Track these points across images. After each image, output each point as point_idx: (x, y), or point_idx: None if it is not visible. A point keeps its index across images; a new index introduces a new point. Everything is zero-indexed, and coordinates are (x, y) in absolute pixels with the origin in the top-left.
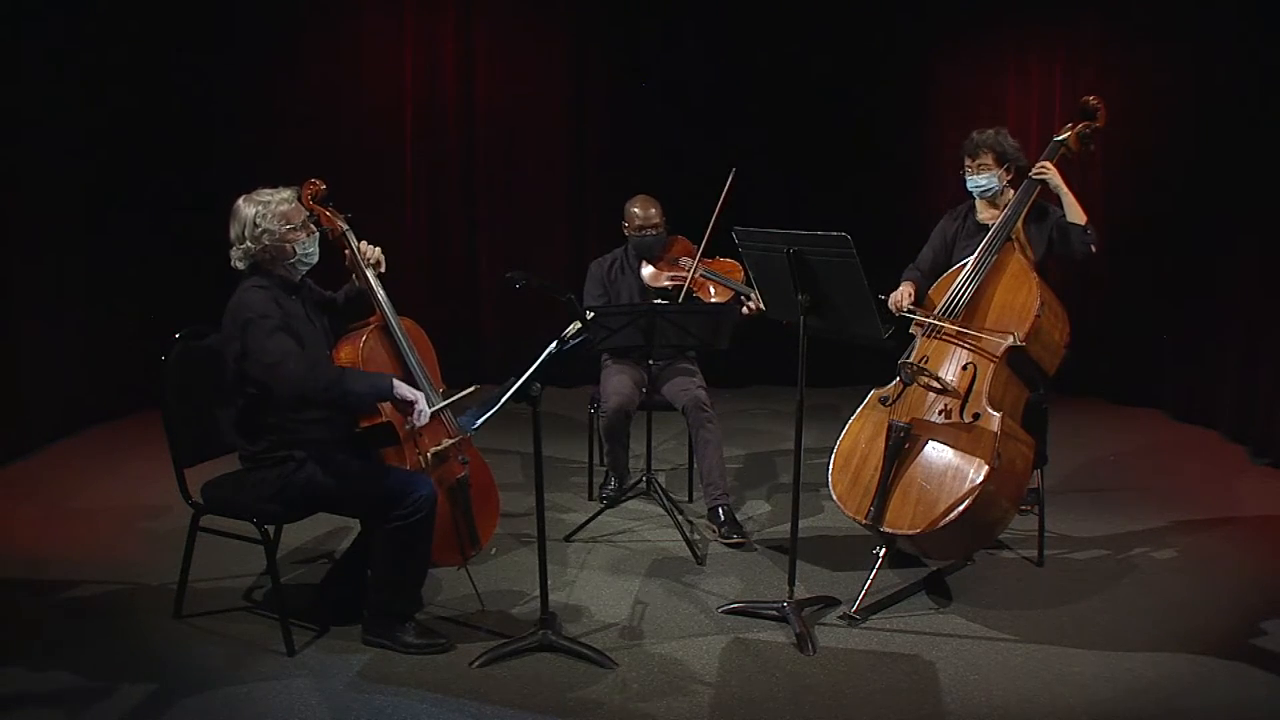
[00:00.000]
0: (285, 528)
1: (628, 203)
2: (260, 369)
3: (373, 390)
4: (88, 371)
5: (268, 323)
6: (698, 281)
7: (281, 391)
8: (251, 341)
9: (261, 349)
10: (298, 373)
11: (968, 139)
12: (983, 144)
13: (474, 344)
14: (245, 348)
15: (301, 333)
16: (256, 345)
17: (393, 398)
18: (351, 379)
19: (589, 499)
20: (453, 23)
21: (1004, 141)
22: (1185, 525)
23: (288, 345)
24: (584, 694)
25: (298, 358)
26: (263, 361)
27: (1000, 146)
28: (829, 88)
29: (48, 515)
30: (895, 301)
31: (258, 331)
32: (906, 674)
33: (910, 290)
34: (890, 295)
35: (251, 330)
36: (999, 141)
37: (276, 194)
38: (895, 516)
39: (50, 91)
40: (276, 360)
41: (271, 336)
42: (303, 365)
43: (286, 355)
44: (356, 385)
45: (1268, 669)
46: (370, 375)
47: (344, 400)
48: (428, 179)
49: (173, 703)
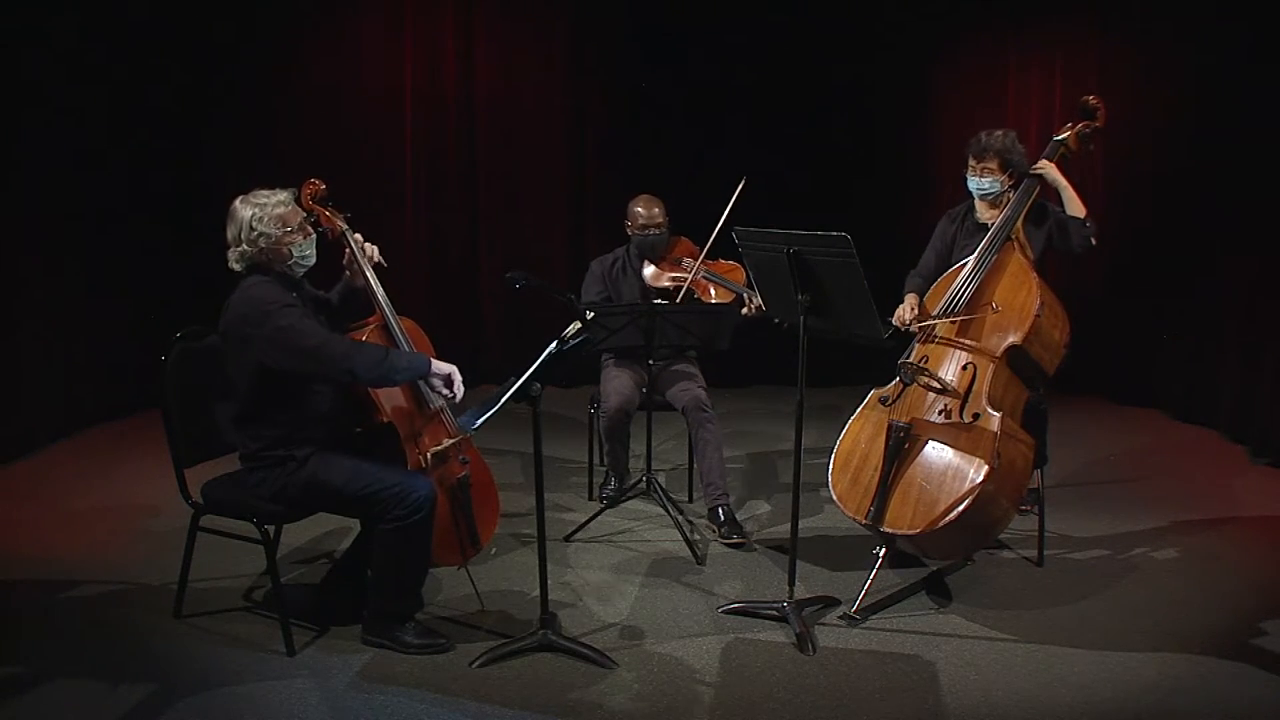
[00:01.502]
0: (285, 528)
1: (631, 202)
2: (302, 354)
3: (411, 368)
4: (88, 371)
5: (291, 311)
6: (699, 282)
7: (328, 371)
8: (281, 332)
9: (299, 333)
10: (344, 349)
11: (975, 139)
12: (991, 148)
13: (474, 344)
14: (273, 340)
15: None
16: (291, 331)
17: (430, 374)
18: (395, 356)
19: (589, 499)
20: (453, 22)
21: (1014, 149)
22: (1185, 525)
23: (320, 328)
24: (584, 694)
25: (335, 339)
26: (304, 345)
27: (1009, 154)
28: (829, 88)
29: (48, 515)
30: (900, 319)
31: (283, 321)
32: (906, 674)
33: (914, 303)
34: (896, 311)
35: (276, 320)
36: (1009, 147)
37: (274, 196)
38: (895, 516)
39: (50, 92)
40: (320, 341)
41: (302, 322)
42: (346, 343)
43: (327, 337)
44: (400, 361)
45: (1268, 669)
46: (408, 354)
47: (389, 376)
48: (428, 179)
49: (173, 703)
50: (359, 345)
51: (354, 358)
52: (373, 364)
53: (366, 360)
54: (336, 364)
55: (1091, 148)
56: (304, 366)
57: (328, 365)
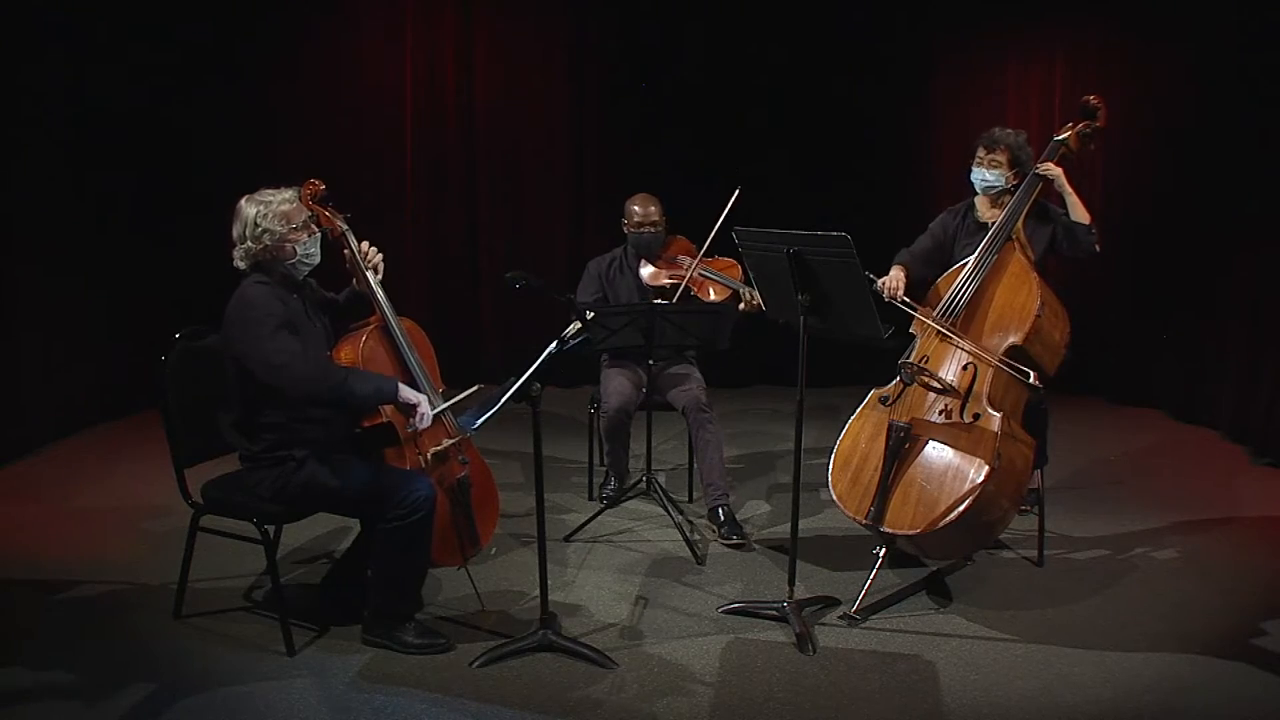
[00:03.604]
0: (285, 528)
1: (628, 200)
2: (266, 370)
3: (377, 393)
4: (88, 371)
5: (271, 321)
6: (696, 280)
7: (289, 393)
8: (255, 342)
9: (267, 350)
10: (305, 373)
11: (988, 131)
12: (1002, 140)
13: (474, 344)
14: (248, 349)
15: (302, 331)
16: (260, 346)
17: (396, 401)
18: (357, 381)
19: (589, 499)
20: (453, 23)
21: (1024, 147)
22: (1185, 525)
23: (293, 346)
24: (584, 694)
25: (303, 359)
26: (269, 363)
27: (1018, 149)
28: (829, 88)
29: (48, 515)
30: (889, 288)
31: (261, 331)
32: (906, 674)
33: (901, 275)
34: (881, 280)
35: (254, 330)
36: (1019, 144)
37: (278, 194)
38: (895, 516)
39: (50, 92)
40: (284, 362)
41: (274, 337)
42: (310, 366)
43: (294, 356)
44: (362, 387)
45: (1268, 669)
46: (375, 377)
47: (349, 402)
48: (428, 179)
49: (173, 703)
50: (325, 369)
51: (315, 383)
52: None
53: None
54: (297, 387)
55: (1092, 147)
56: (267, 379)
57: (289, 386)
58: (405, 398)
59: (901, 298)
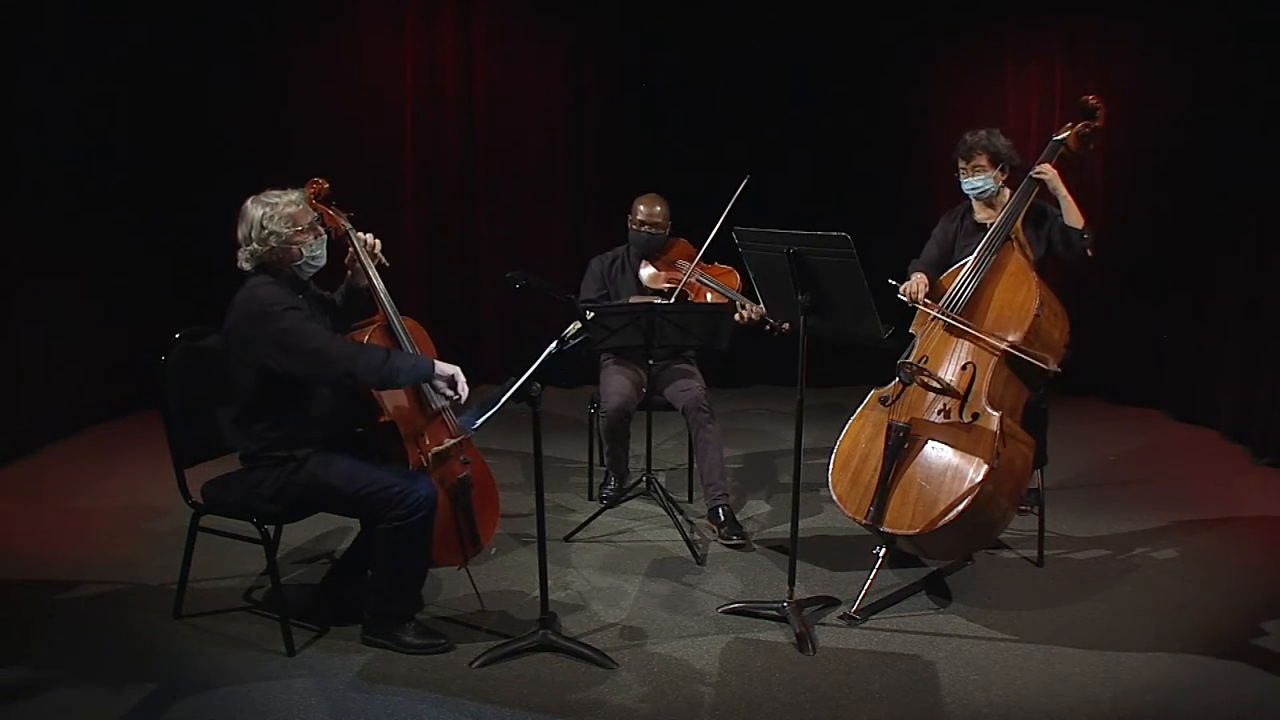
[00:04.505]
0: (285, 528)
1: (636, 198)
2: (304, 357)
3: (414, 371)
4: (88, 371)
5: (294, 313)
6: (693, 285)
7: (328, 375)
8: (284, 334)
9: (301, 335)
10: (346, 351)
11: (960, 141)
12: (976, 145)
13: (474, 344)
14: (277, 341)
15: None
16: (293, 334)
17: (433, 376)
18: (397, 358)
19: (589, 499)
20: (453, 22)
21: (996, 141)
22: (1185, 525)
23: (323, 330)
24: (584, 694)
25: (339, 340)
26: (306, 348)
27: (993, 147)
28: (829, 88)
29: (48, 515)
30: (911, 292)
31: (285, 323)
32: (906, 674)
33: (924, 280)
34: (903, 285)
35: (280, 322)
36: (991, 142)
37: (284, 196)
38: (895, 516)
39: (50, 92)
40: (322, 344)
41: (305, 323)
42: (346, 345)
43: (329, 339)
44: (403, 363)
45: (1268, 669)
46: (412, 356)
47: (391, 379)
48: (428, 179)
49: (173, 703)
50: (361, 347)
51: (356, 360)
52: (374, 366)
53: (368, 363)
54: (337, 366)
55: (1091, 147)
56: (305, 369)
57: (329, 368)
58: (442, 370)
59: (923, 299)
